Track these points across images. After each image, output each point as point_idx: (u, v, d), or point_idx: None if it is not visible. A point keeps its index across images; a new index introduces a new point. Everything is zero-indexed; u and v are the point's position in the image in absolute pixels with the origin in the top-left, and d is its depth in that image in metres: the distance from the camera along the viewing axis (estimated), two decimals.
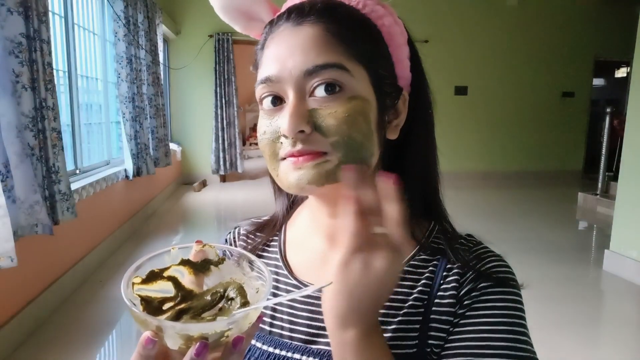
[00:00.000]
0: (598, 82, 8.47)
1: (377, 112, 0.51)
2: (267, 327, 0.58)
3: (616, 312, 2.83)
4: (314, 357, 0.53)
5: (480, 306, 0.49)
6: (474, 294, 0.50)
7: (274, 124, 0.49)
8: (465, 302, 0.50)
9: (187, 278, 0.42)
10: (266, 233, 0.66)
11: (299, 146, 0.47)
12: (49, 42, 2.36)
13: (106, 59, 4.17)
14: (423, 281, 0.53)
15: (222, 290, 0.41)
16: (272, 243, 0.65)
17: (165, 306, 0.39)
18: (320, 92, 0.47)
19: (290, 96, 0.48)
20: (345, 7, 0.51)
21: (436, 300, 0.51)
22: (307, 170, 0.47)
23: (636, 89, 3.27)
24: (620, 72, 8.95)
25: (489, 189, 6.72)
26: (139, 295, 0.39)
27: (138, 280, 0.40)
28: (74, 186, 2.86)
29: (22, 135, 2.14)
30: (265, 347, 0.56)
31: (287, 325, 0.57)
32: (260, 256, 0.64)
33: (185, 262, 0.43)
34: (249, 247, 0.65)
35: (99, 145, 4.07)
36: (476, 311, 0.49)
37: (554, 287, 3.03)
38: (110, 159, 4.20)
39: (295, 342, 0.55)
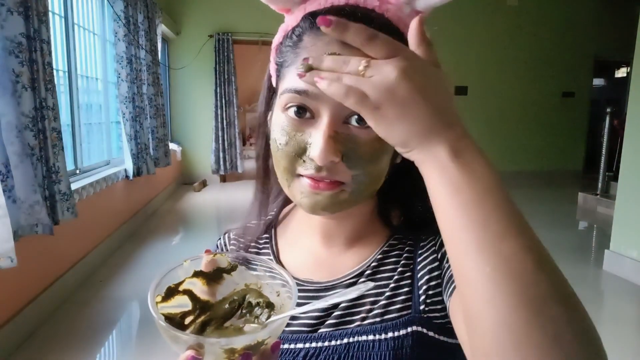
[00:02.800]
0: (598, 82, 8.46)
1: None
2: None
3: (616, 312, 2.83)
4: (316, 342, 0.54)
5: None
6: None
7: (299, 139, 0.48)
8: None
9: (199, 288, 0.43)
10: (251, 235, 0.67)
11: (323, 173, 0.47)
12: (49, 42, 2.36)
13: (106, 59, 4.16)
14: (405, 255, 0.57)
15: (239, 297, 0.42)
16: (264, 244, 0.65)
17: (187, 320, 0.40)
18: (353, 121, 0.47)
19: (325, 119, 0.46)
20: (396, 34, 0.48)
21: (419, 260, 0.55)
22: (324, 198, 0.49)
23: (636, 89, 3.26)
24: (620, 72, 8.95)
25: None
26: (162, 314, 0.39)
27: (159, 299, 0.40)
28: (74, 186, 2.86)
29: (22, 135, 2.14)
30: None
31: (289, 321, 0.57)
32: None
33: (198, 274, 0.43)
34: (240, 250, 0.67)
35: (99, 145, 4.07)
36: None
37: None
38: (110, 159, 4.20)
39: (298, 334, 0.56)
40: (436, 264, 0.54)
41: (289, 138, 0.48)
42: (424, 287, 0.54)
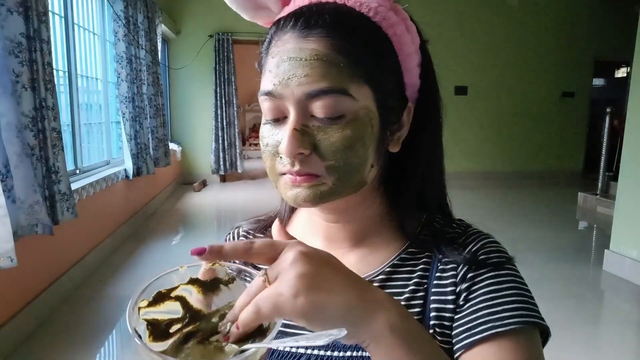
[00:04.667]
0: (598, 82, 8.46)
1: (380, 129, 0.50)
2: None
3: (616, 312, 2.83)
4: (319, 349, 0.54)
5: (483, 279, 0.50)
6: (474, 270, 0.51)
7: (275, 138, 0.50)
8: (470, 275, 0.51)
9: (195, 297, 0.41)
10: (268, 232, 0.65)
11: (297, 167, 0.48)
12: (49, 42, 2.36)
13: (106, 59, 4.17)
14: (418, 272, 0.54)
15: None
16: None
17: (173, 328, 0.38)
18: (320, 114, 0.47)
19: (291, 115, 0.48)
20: (356, 18, 0.49)
21: (435, 282, 0.52)
22: (304, 189, 0.49)
23: (636, 89, 3.26)
24: (620, 72, 8.95)
25: (489, 189, 6.73)
26: (145, 320, 0.38)
27: (144, 303, 0.39)
28: (74, 186, 2.86)
29: (22, 135, 2.14)
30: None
31: (292, 322, 0.57)
32: None
33: (194, 281, 0.42)
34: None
35: (99, 145, 4.07)
36: (481, 283, 0.50)
37: (554, 287, 3.02)
38: (110, 159, 4.20)
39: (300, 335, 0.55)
40: (451, 297, 0.51)
41: (269, 138, 0.51)
42: (434, 315, 0.51)
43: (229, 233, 0.70)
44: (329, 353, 0.53)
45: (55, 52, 2.93)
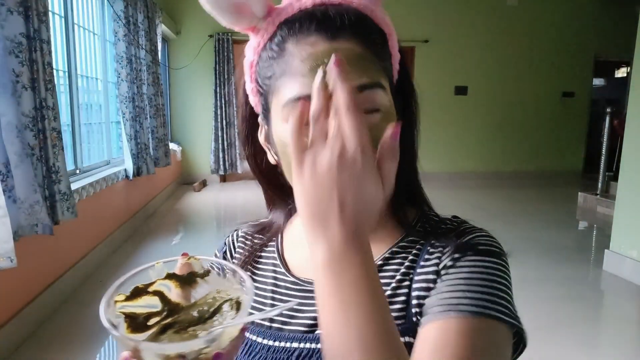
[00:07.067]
0: (598, 82, 8.46)
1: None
2: (267, 323, 0.59)
3: (616, 312, 2.83)
4: (311, 343, 0.54)
5: (460, 264, 0.51)
6: (456, 255, 0.51)
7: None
8: (449, 263, 0.51)
9: (173, 292, 0.42)
10: (267, 236, 0.67)
11: None
12: (49, 42, 2.36)
13: (106, 59, 4.17)
14: (407, 263, 0.55)
15: (208, 308, 0.41)
16: (269, 243, 0.66)
17: (151, 321, 0.39)
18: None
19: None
20: (368, 18, 0.51)
21: (419, 270, 0.53)
22: None
23: (636, 89, 3.26)
24: (620, 72, 8.95)
25: (489, 189, 6.72)
26: (123, 313, 0.39)
27: (121, 297, 0.40)
28: (74, 186, 2.86)
29: (22, 135, 2.14)
30: (265, 342, 0.57)
31: (287, 320, 0.58)
32: (259, 257, 0.65)
33: (171, 276, 0.43)
34: (247, 247, 0.67)
35: (99, 145, 4.07)
36: (457, 267, 0.51)
37: (554, 287, 3.02)
38: (110, 158, 4.20)
39: (294, 333, 0.56)
40: (432, 277, 0.52)
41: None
42: (417, 300, 0.52)
43: (228, 236, 0.71)
44: (320, 346, 0.53)
45: (55, 52, 2.93)
